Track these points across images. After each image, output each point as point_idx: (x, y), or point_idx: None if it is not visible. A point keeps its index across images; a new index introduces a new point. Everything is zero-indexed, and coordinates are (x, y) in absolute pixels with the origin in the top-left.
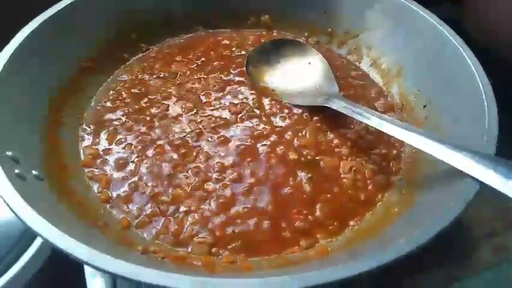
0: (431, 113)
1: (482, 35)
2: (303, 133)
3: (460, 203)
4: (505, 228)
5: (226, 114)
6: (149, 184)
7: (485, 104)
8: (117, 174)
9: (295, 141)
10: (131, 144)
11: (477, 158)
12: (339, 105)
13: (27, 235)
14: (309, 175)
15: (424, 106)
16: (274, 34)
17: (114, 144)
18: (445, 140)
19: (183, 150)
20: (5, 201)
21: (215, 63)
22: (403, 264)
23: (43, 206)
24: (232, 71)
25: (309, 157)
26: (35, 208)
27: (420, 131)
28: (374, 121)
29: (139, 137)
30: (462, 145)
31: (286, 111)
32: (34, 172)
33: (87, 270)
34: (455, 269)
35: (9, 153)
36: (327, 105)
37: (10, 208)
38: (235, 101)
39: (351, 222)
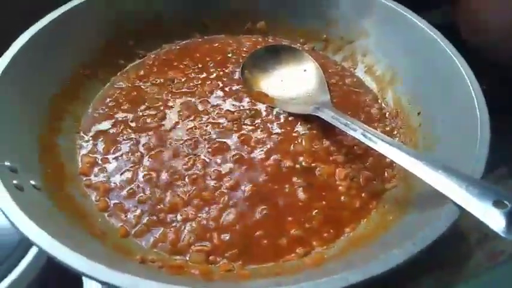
0: (426, 120)
1: (473, 35)
2: (299, 140)
3: (454, 212)
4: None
5: (222, 121)
6: (147, 192)
7: (477, 111)
8: (115, 183)
9: (291, 148)
10: (129, 152)
11: (452, 177)
12: (327, 115)
13: (25, 242)
14: (305, 182)
15: (419, 113)
16: (270, 40)
17: (111, 152)
18: (421, 155)
19: (181, 158)
20: (3, 213)
21: (211, 69)
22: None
23: (41, 216)
24: (228, 78)
25: (304, 164)
26: (32, 219)
27: (400, 145)
28: (359, 133)
29: (137, 145)
30: (439, 161)
31: (282, 118)
32: (32, 182)
33: (85, 278)
34: (448, 275)
35: (7, 163)
36: (317, 114)
37: (8, 219)
38: (232, 108)
39: (346, 230)
